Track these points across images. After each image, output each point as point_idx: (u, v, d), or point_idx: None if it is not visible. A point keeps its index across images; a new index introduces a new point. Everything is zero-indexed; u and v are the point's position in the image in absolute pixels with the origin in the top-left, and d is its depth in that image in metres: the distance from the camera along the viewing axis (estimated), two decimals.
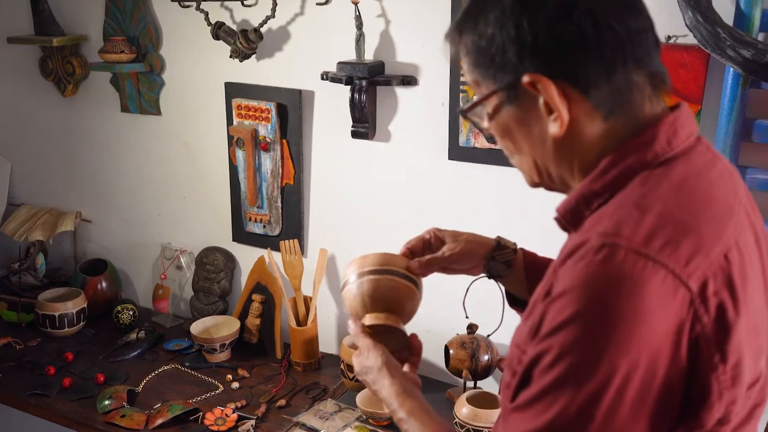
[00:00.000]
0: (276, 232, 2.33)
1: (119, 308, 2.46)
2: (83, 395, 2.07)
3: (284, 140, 2.22)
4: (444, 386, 2.09)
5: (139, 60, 2.39)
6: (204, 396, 2.08)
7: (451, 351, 1.96)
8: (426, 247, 1.25)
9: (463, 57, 0.93)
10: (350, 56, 2.02)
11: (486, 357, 1.94)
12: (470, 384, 1.98)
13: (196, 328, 2.27)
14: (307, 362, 2.21)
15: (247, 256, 2.41)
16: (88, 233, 2.75)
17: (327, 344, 2.32)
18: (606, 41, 0.83)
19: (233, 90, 2.27)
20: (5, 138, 2.80)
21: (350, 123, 2.07)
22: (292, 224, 2.30)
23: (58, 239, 2.71)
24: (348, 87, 1.99)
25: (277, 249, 2.27)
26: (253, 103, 2.22)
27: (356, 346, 1.23)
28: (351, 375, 2.05)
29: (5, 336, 2.37)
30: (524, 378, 0.82)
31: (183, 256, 2.51)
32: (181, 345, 2.35)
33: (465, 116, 0.97)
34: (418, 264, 1.21)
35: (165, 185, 2.54)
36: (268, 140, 2.23)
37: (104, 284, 2.56)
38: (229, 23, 2.21)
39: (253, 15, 2.17)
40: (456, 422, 1.80)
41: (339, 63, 2.00)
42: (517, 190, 1.86)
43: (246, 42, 2.11)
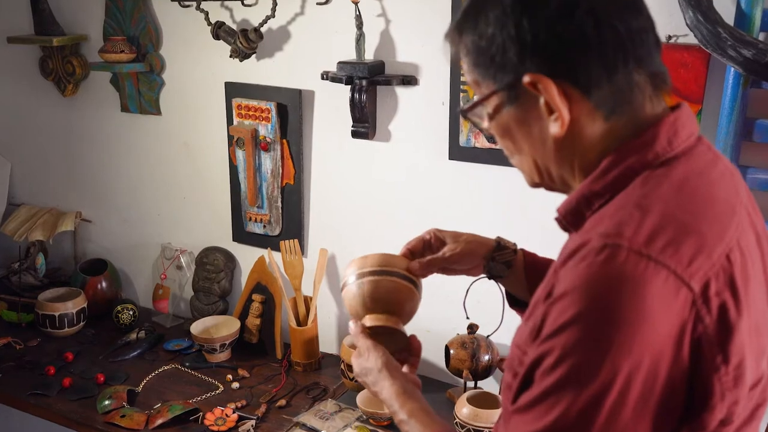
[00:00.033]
0: (276, 232, 2.32)
1: (119, 308, 2.46)
2: (83, 395, 2.07)
3: (284, 140, 2.22)
4: (444, 386, 2.09)
5: (139, 60, 2.39)
6: (204, 396, 2.07)
7: (452, 351, 1.96)
8: (426, 248, 1.24)
9: (463, 57, 0.92)
10: (350, 56, 2.02)
11: (486, 357, 1.94)
12: (471, 384, 1.98)
13: (196, 328, 2.27)
14: (308, 362, 2.21)
15: (248, 256, 2.41)
16: (88, 233, 2.75)
17: (327, 344, 2.32)
18: (607, 41, 0.83)
19: (233, 90, 2.27)
20: (5, 138, 2.80)
21: (350, 123, 2.06)
22: (293, 224, 2.30)
23: (58, 239, 2.70)
24: (348, 87, 1.99)
25: (278, 249, 2.27)
26: (254, 103, 2.22)
27: (356, 346, 1.22)
28: (351, 375, 2.05)
29: (5, 336, 2.37)
30: (526, 379, 0.82)
31: (183, 256, 2.51)
32: (181, 345, 2.35)
33: (465, 116, 0.97)
34: (419, 265, 1.21)
35: (165, 185, 2.54)
36: (269, 140, 2.22)
37: (104, 284, 2.56)
38: (229, 23, 2.21)
39: (253, 15, 2.17)
40: (456, 422, 1.80)
41: (339, 63, 1.99)
42: (518, 190, 1.85)
43: (246, 42, 2.11)
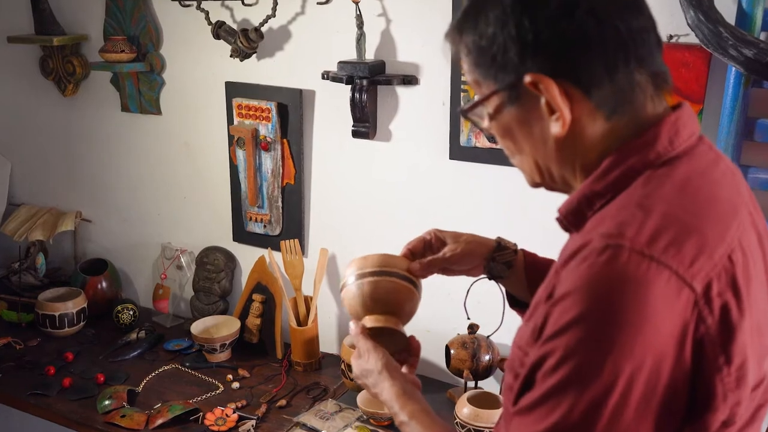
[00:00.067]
0: (276, 232, 2.32)
1: (119, 308, 2.46)
2: (83, 395, 2.07)
3: (285, 140, 2.22)
4: (445, 386, 2.09)
5: (140, 59, 2.38)
6: (204, 396, 2.07)
7: (452, 351, 1.96)
8: (427, 248, 1.24)
9: (464, 57, 0.92)
10: (351, 56, 2.01)
11: (487, 357, 1.94)
12: (471, 384, 1.98)
13: (197, 328, 2.27)
14: (308, 362, 2.21)
15: (248, 256, 2.41)
16: (88, 233, 2.75)
17: (327, 344, 2.32)
18: (608, 40, 0.82)
19: (234, 89, 2.27)
20: (5, 138, 2.79)
21: (351, 122, 2.06)
22: (293, 224, 2.29)
23: (58, 239, 2.70)
24: (349, 86, 1.99)
25: (278, 249, 2.26)
26: (254, 103, 2.21)
27: (356, 347, 1.22)
28: (352, 375, 2.05)
29: (5, 336, 2.36)
30: (527, 380, 0.81)
31: (183, 256, 2.50)
32: (182, 345, 2.35)
33: (465, 116, 0.97)
34: (419, 266, 1.21)
35: (165, 185, 2.53)
36: (269, 140, 2.22)
37: (104, 284, 2.56)
38: (230, 22, 2.21)
39: (254, 14, 2.16)
40: (457, 422, 1.80)
41: (340, 62, 1.99)
42: (519, 190, 1.85)
43: (246, 41, 2.11)
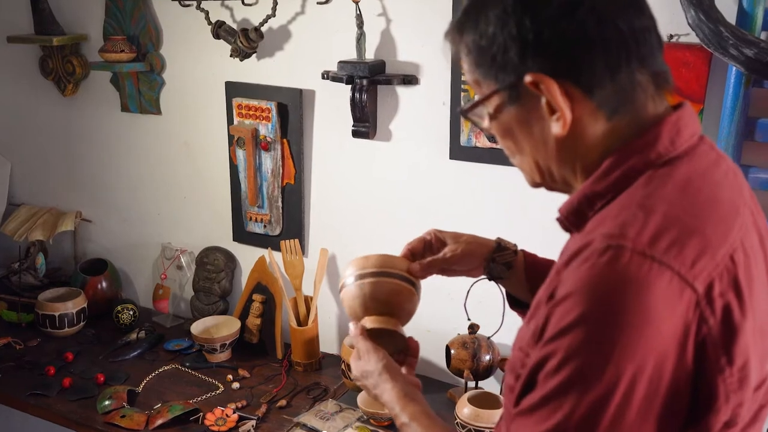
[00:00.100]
0: (276, 232, 2.32)
1: (119, 308, 2.45)
2: (83, 395, 2.06)
3: (285, 140, 2.22)
4: (445, 386, 2.09)
5: (140, 59, 2.38)
6: (204, 396, 2.07)
7: (453, 351, 1.96)
8: (427, 248, 1.24)
9: (464, 56, 0.92)
10: (351, 55, 2.01)
11: (487, 357, 1.93)
12: (471, 384, 1.98)
13: (197, 328, 2.27)
14: (308, 362, 2.21)
15: (248, 256, 2.41)
16: (88, 233, 2.75)
17: (328, 344, 2.32)
18: (610, 39, 0.82)
19: (234, 89, 2.26)
20: (5, 138, 2.79)
21: (351, 122, 2.06)
22: (293, 224, 2.29)
23: (58, 239, 2.70)
24: (349, 86, 1.98)
25: (278, 249, 2.26)
26: (254, 103, 2.21)
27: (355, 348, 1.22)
28: (351, 376, 2.05)
29: (5, 336, 2.36)
30: (528, 382, 0.81)
31: (183, 256, 2.50)
32: (182, 345, 2.35)
33: (465, 116, 0.96)
34: (419, 266, 1.21)
35: (165, 185, 2.53)
36: (269, 140, 2.22)
37: (104, 284, 2.56)
38: (230, 22, 2.20)
39: (254, 14, 2.16)
40: (457, 423, 1.79)
41: (340, 62, 1.99)
42: (519, 190, 1.84)
43: (246, 41, 2.10)
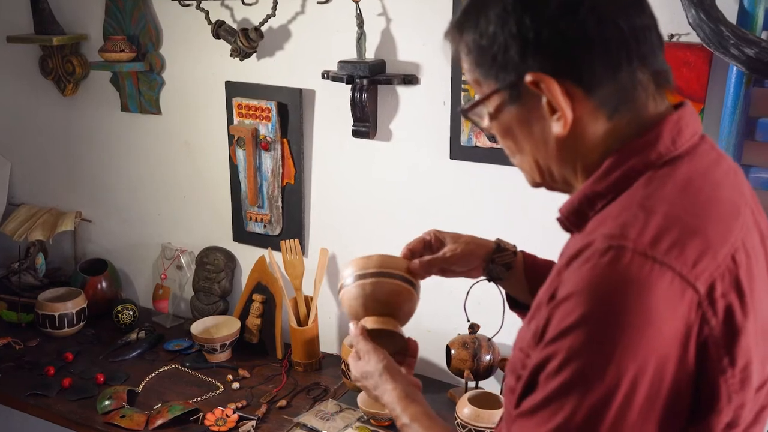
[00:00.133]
0: (277, 232, 2.32)
1: (119, 308, 2.45)
2: (83, 395, 2.06)
3: (285, 139, 2.21)
4: (445, 386, 2.09)
5: (139, 59, 2.38)
6: (204, 396, 2.07)
7: (453, 351, 1.96)
8: (426, 248, 1.24)
9: (464, 56, 0.91)
10: (351, 55, 2.01)
11: (488, 357, 1.93)
12: (472, 384, 1.98)
13: (197, 328, 2.27)
14: (308, 362, 2.21)
15: (248, 256, 2.40)
16: (88, 233, 2.75)
17: (328, 344, 2.31)
18: (610, 38, 0.82)
19: (234, 89, 2.26)
20: (5, 138, 2.79)
21: (351, 122, 2.06)
22: (293, 224, 2.29)
23: (58, 239, 2.70)
24: (349, 86, 1.98)
25: (278, 249, 2.26)
26: (254, 102, 2.21)
27: (355, 348, 1.22)
28: (351, 376, 2.05)
29: (5, 336, 2.36)
30: (529, 383, 0.81)
31: (183, 256, 2.50)
32: (182, 345, 2.34)
33: (465, 116, 0.96)
34: (419, 264, 1.20)
35: (165, 185, 2.53)
36: (269, 139, 2.22)
37: (104, 284, 2.56)
38: (230, 22, 2.20)
39: (254, 13, 2.16)
40: (458, 423, 1.79)
41: (340, 62, 1.99)
42: (519, 190, 1.84)
43: (246, 41, 2.10)
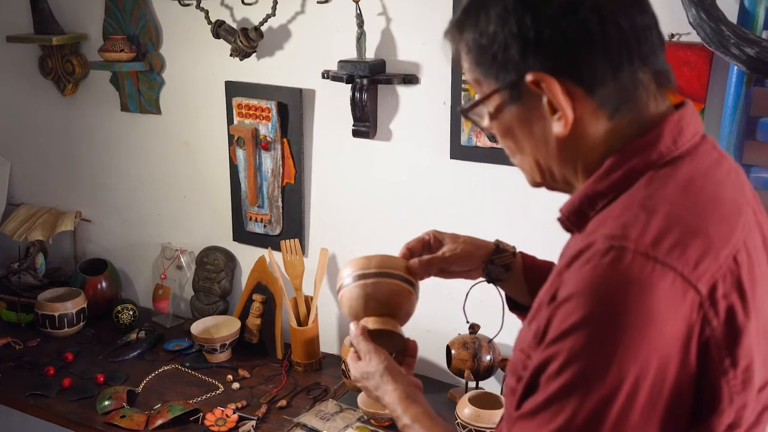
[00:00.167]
0: (277, 232, 2.32)
1: (119, 308, 2.45)
2: (83, 395, 2.06)
3: (285, 139, 2.21)
4: (446, 387, 2.08)
5: (139, 59, 2.38)
6: (204, 396, 2.07)
7: (453, 351, 1.95)
8: (425, 248, 1.24)
9: (464, 55, 0.91)
10: (351, 55, 2.01)
11: (488, 357, 1.93)
12: (472, 384, 1.97)
13: (197, 328, 2.26)
14: (308, 362, 2.21)
15: (248, 256, 2.40)
16: (88, 233, 2.74)
17: (328, 344, 2.31)
18: (612, 38, 0.81)
19: (234, 89, 2.26)
20: (5, 137, 2.79)
21: (351, 122, 2.05)
22: (293, 224, 2.29)
23: (58, 239, 2.70)
24: (349, 86, 1.98)
25: (278, 248, 2.26)
26: (254, 102, 2.21)
27: (355, 348, 1.21)
28: (351, 377, 2.04)
29: (5, 336, 2.36)
30: (530, 384, 0.80)
31: (183, 256, 2.50)
32: (182, 345, 2.34)
33: (465, 116, 0.96)
34: (419, 263, 1.20)
35: (165, 185, 2.53)
36: (269, 139, 2.22)
37: (104, 284, 2.56)
38: (230, 22, 2.20)
39: (254, 13, 2.16)
40: (458, 423, 1.79)
41: (340, 61, 1.98)
42: (519, 190, 1.84)
43: (246, 40, 2.10)
